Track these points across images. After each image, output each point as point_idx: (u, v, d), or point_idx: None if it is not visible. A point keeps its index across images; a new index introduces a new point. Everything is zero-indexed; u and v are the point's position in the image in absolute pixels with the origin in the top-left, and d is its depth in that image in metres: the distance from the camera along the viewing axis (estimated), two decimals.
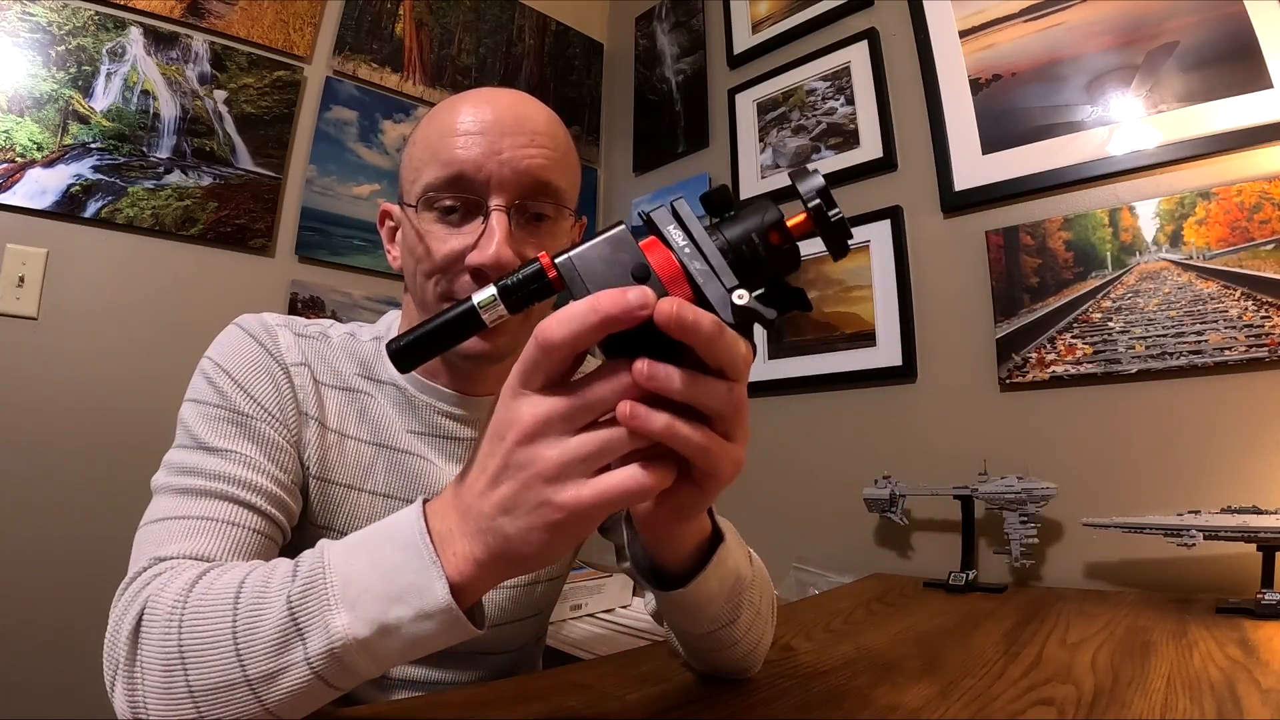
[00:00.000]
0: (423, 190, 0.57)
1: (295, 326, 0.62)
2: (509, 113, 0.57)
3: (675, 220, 0.35)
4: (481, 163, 0.55)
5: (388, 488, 0.60)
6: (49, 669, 1.12)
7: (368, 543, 0.37)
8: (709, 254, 0.33)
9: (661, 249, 0.34)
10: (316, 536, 0.57)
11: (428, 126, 0.59)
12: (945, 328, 1.32)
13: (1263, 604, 0.80)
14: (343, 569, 0.36)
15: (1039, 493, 1.06)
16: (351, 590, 0.35)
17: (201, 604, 0.38)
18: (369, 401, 0.62)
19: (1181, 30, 1.10)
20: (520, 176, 0.56)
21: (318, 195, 1.52)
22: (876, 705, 0.55)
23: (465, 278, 0.56)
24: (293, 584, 0.36)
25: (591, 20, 2.16)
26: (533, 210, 0.58)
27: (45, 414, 1.18)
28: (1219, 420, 1.01)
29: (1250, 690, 0.55)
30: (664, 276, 0.33)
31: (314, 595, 0.35)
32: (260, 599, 0.37)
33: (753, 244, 0.35)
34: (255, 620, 0.36)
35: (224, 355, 0.57)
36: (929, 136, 1.37)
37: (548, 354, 0.32)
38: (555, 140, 0.59)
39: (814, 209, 0.34)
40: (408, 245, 0.60)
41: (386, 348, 0.36)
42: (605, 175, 2.13)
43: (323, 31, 1.58)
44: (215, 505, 0.49)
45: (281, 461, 0.54)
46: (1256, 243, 1.00)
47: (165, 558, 0.45)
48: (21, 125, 1.20)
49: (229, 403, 0.54)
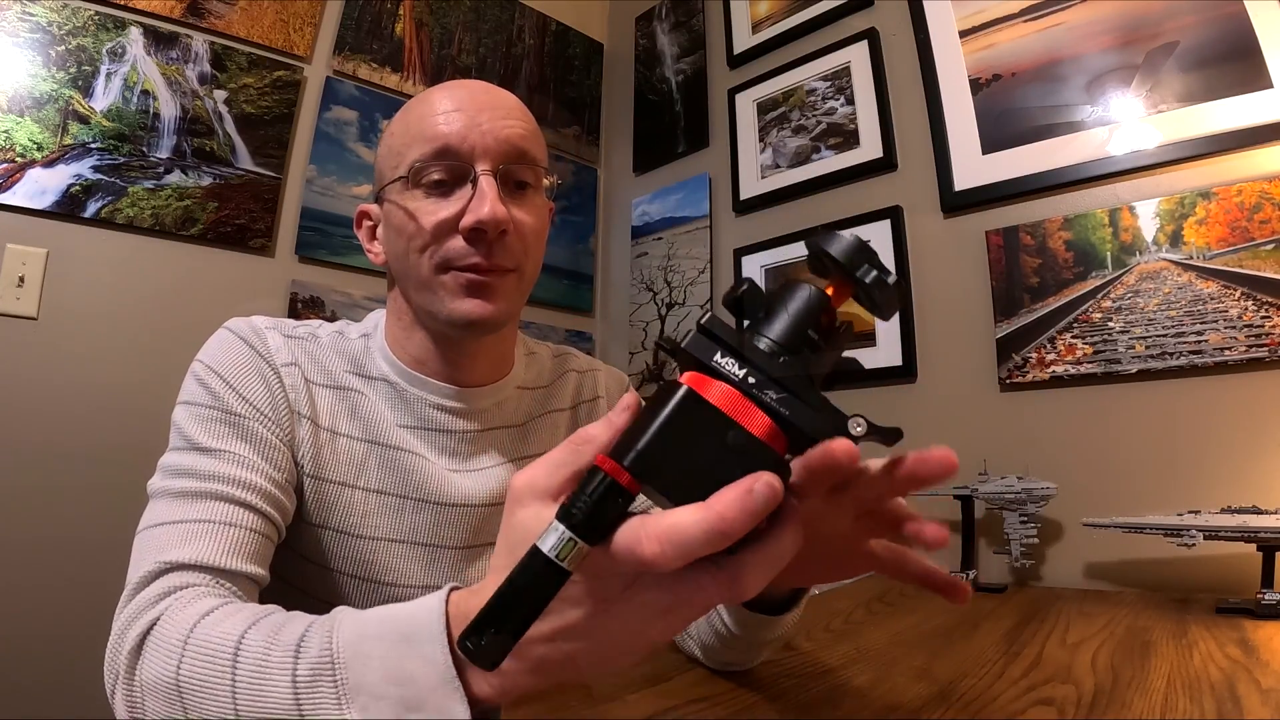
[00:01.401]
0: (409, 167, 0.58)
1: (284, 328, 0.62)
2: (482, 93, 0.61)
3: (715, 342, 0.28)
4: (465, 134, 0.57)
5: (381, 484, 0.60)
6: (48, 669, 1.12)
7: (383, 638, 0.33)
8: (778, 374, 0.28)
9: (714, 383, 0.28)
10: (312, 535, 0.58)
11: (404, 117, 0.61)
12: (945, 328, 1.32)
13: (1263, 604, 0.80)
14: (356, 667, 0.33)
15: (1039, 493, 1.06)
16: (363, 697, 0.32)
17: (202, 651, 0.37)
18: (360, 399, 0.62)
19: (1181, 30, 1.10)
20: (502, 144, 0.58)
21: (318, 195, 1.52)
22: (876, 705, 0.55)
23: (457, 241, 0.57)
24: (297, 663, 0.34)
25: (591, 20, 2.16)
26: (515, 177, 0.60)
27: (45, 414, 1.18)
28: (1219, 420, 1.01)
29: (1250, 690, 0.55)
30: (733, 412, 0.27)
31: (323, 688, 0.33)
32: (262, 667, 0.35)
33: (808, 338, 0.29)
34: (257, 691, 0.35)
35: (214, 358, 0.57)
36: (929, 136, 1.37)
37: (642, 568, 0.26)
38: (527, 117, 0.63)
39: (861, 280, 0.30)
40: (395, 228, 0.60)
41: (463, 648, 0.27)
42: (605, 175, 2.12)
43: (323, 31, 1.58)
44: (212, 507, 0.49)
45: (275, 460, 0.55)
46: (1256, 243, 1.00)
47: (168, 563, 0.45)
48: (21, 125, 1.20)
49: (221, 403, 0.54)
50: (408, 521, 0.60)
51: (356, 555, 0.59)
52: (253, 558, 0.49)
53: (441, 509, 0.61)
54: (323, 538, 0.58)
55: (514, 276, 0.60)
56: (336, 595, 0.58)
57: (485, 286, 0.58)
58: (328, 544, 0.58)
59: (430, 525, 0.61)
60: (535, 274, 0.64)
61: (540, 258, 0.64)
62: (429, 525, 0.61)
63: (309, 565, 0.59)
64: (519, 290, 0.62)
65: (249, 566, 0.48)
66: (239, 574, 0.47)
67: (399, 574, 0.60)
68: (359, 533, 0.59)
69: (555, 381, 0.74)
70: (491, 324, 0.59)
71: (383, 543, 0.59)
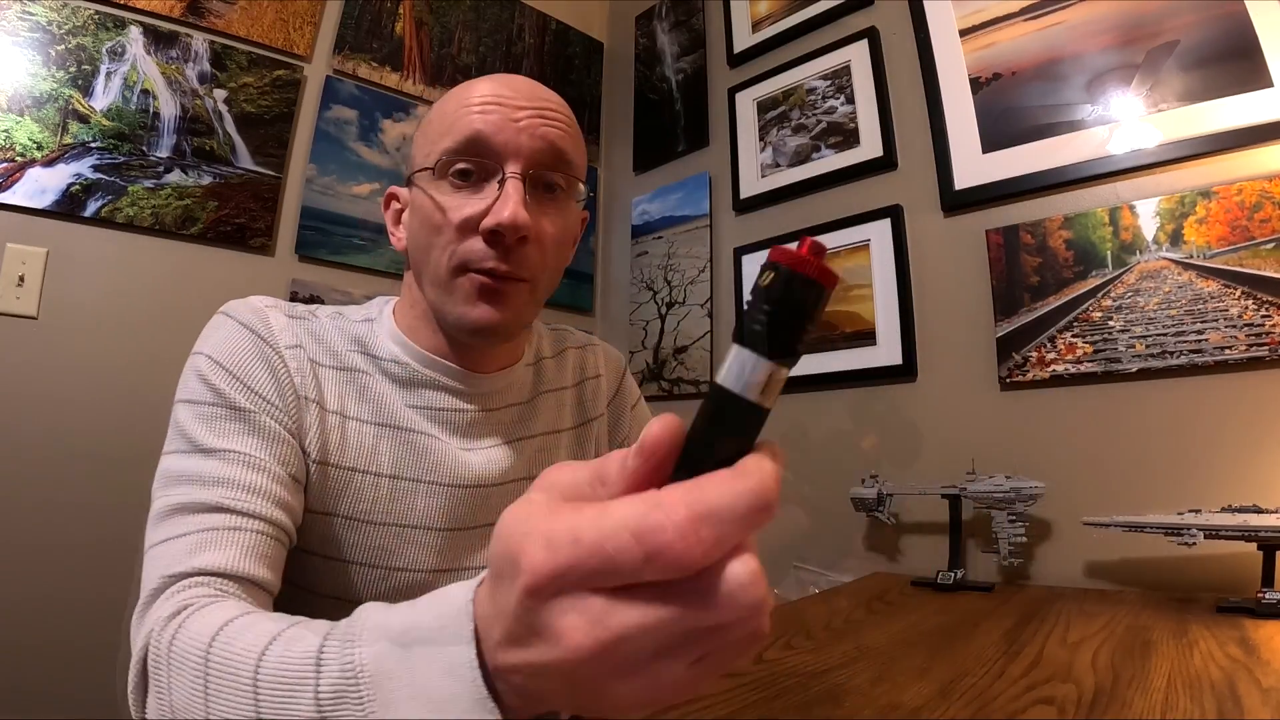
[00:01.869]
0: (440, 155, 0.57)
1: (284, 308, 0.61)
2: (525, 87, 0.59)
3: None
4: (500, 126, 0.56)
5: (395, 468, 0.59)
6: (49, 668, 1.12)
7: (410, 654, 0.29)
8: None
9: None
10: (319, 524, 0.57)
11: (445, 103, 0.60)
12: (945, 327, 1.32)
13: (1263, 603, 0.80)
14: (385, 685, 0.29)
15: (1027, 491, 1.06)
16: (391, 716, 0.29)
17: (224, 668, 0.35)
18: (367, 380, 0.61)
19: (1182, 29, 1.10)
20: (536, 142, 0.57)
21: (318, 194, 1.52)
22: (877, 704, 0.55)
23: (477, 242, 0.56)
24: (319, 678, 0.31)
25: (591, 19, 2.16)
26: (546, 180, 0.59)
27: (45, 414, 1.18)
28: (1219, 419, 1.01)
29: (1251, 689, 0.55)
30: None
31: (348, 707, 0.29)
32: (283, 684, 0.32)
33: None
34: (281, 712, 0.32)
35: (215, 347, 0.56)
36: (929, 135, 1.37)
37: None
38: (568, 117, 0.61)
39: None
40: (420, 216, 0.59)
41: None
42: (605, 174, 2.12)
43: (323, 31, 1.58)
44: (217, 516, 0.48)
45: (283, 455, 0.53)
46: (1257, 241, 1.00)
47: (178, 574, 0.44)
48: (21, 124, 1.20)
49: (224, 399, 0.53)
50: (420, 505, 0.59)
51: (367, 542, 0.57)
52: (264, 562, 0.48)
53: (455, 490, 0.60)
54: (331, 526, 0.57)
55: (527, 287, 0.59)
56: (345, 587, 0.57)
57: (497, 293, 0.57)
58: (336, 533, 0.57)
59: (444, 507, 0.60)
60: (552, 285, 0.63)
61: (560, 268, 0.63)
62: (442, 507, 0.60)
63: (314, 558, 0.57)
64: (531, 300, 0.60)
65: (261, 571, 0.47)
66: (251, 580, 0.46)
67: (411, 559, 0.58)
68: (370, 518, 0.57)
69: (555, 357, 0.74)
70: (500, 332, 0.59)
71: (394, 528, 0.58)
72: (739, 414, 0.23)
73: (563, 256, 0.63)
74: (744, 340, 0.23)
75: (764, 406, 0.23)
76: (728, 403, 0.23)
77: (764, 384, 0.23)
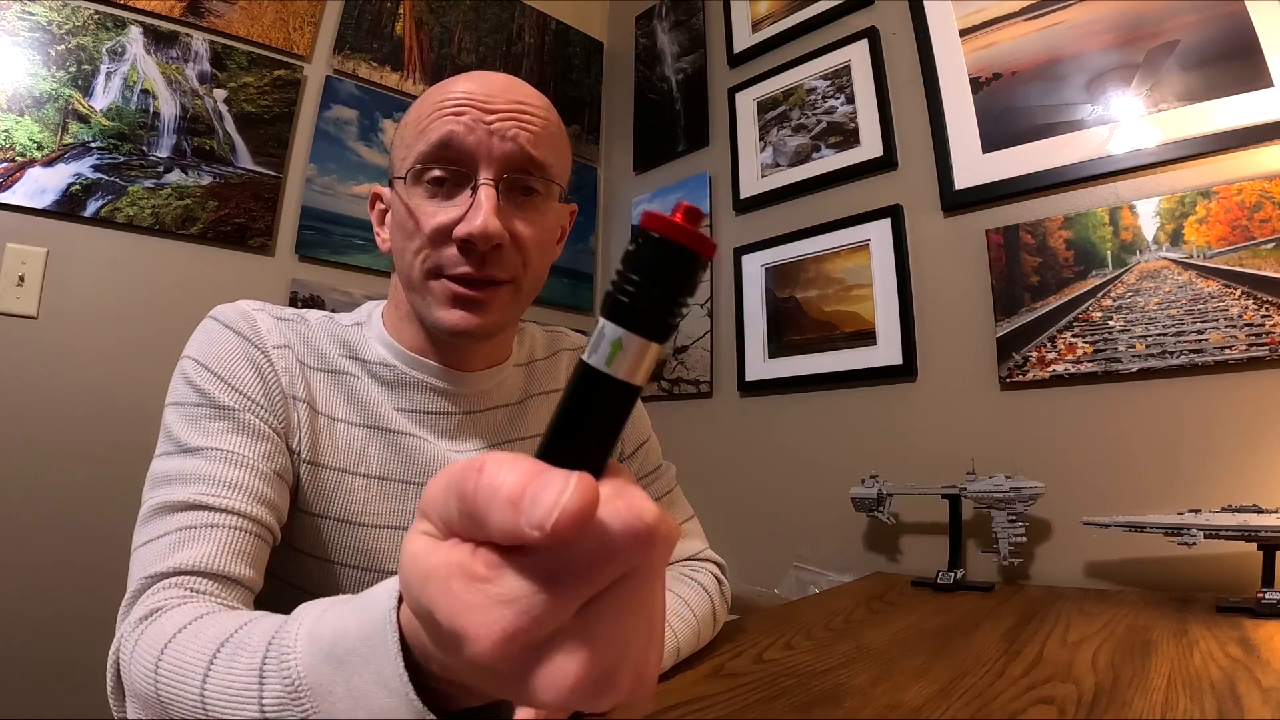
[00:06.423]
0: (413, 162, 0.56)
1: (272, 310, 0.61)
2: (500, 87, 0.58)
3: None
4: (471, 128, 0.55)
5: (384, 470, 0.59)
6: (47, 667, 1.12)
7: (343, 666, 0.29)
8: None
9: None
10: (310, 525, 0.57)
11: (420, 104, 0.59)
12: (945, 327, 1.32)
13: (1263, 603, 0.80)
14: (325, 697, 0.29)
15: (1027, 491, 1.06)
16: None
17: (173, 679, 0.37)
18: (355, 383, 0.61)
19: (1182, 29, 1.10)
20: (509, 145, 0.56)
21: (318, 194, 1.52)
22: (877, 704, 0.55)
23: (451, 250, 0.56)
24: (262, 689, 0.32)
25: (591, 19, 2.16)
26: (522, 184, 0.58)
27: (45, 413, 1.18)
28: (1219, 419, 1.01)
29: (1251, 689, 0.55)
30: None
31: (292, 717, 0.31)
32: (229, 693, 0.34)
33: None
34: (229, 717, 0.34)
35: (201, 350, 0.56)
36: (929, 135, 1.37)
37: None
38: (545, 116, 0.60)
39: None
40: (397, 222, 0.59)
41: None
42: (605, 174, 2.12)
43: (323, 30, 1.58)
44: (195, 514, 0.48)
45: (267, 452, 0.53)
46: (1257, 241, 1.00)
47: (156, 574, 0.45)
48: (21, 124, 1.20)
49: (209, 398, 0.53)
50: (410, 507, 0.59)
51: (358, 545, 0.57)
52: (243, 559, 0.48)
53: None
54: (322, 528, 0.57)
55: (508, 288, 0.59)
56: (337, 589, 0.57)
57: (472, 300, 0.57)
58: (327, 534, 0.57)
59: None
60: (537, 284, 0.62)
61: (545, 265, 0.63)
62: None
63: (307, 559, 0.57)
64: (514, 302, 0.60)
65: (239, 568, 0.47)
66: (228, 577, 0.46)
67: None
68: (360, 521, 0.57)
69: (549, 359, 0.73)
70: (479, 335, 0.59)
71: (385, 530, 0.58)
72: (605, 393, 0.22)
73: (546, 254, 0.63)
74: (609, 313, 0.21)
75: (633, 384, 0.22)
76: (594, 381, 0.21)
77: (633, 361, 0.21)
